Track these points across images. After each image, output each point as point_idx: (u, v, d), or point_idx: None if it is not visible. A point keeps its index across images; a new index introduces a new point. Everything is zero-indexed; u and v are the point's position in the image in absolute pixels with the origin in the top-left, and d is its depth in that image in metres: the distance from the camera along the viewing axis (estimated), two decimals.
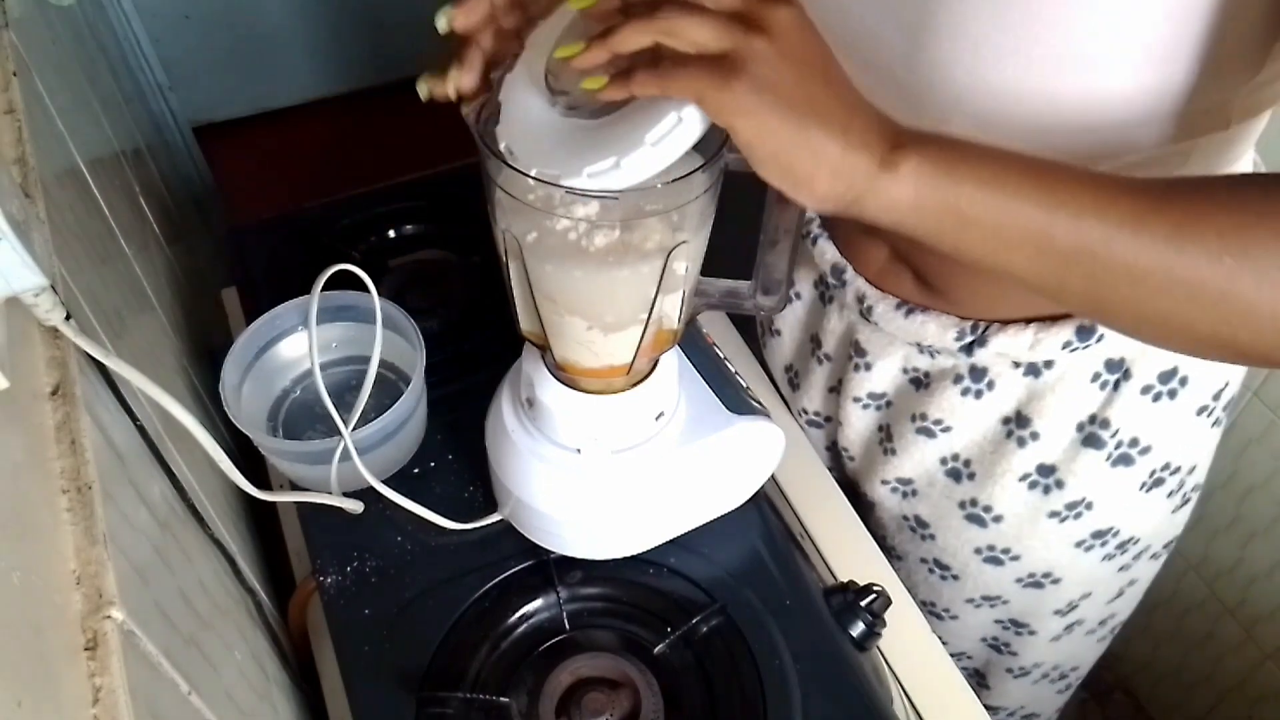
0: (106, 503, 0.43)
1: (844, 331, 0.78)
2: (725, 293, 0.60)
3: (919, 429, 0.74)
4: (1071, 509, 0.72)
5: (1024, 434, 0.69)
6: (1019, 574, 0.77)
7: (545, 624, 0.70)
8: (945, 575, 0.82)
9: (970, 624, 0.85)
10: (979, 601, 0.82)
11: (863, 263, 0.72)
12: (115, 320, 0.61)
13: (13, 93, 0.56)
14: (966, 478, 0.75)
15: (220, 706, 0.50)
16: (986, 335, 0.66)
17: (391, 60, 2.38)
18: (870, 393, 0.77)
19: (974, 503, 0.75)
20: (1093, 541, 0.74)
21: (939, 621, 0.87)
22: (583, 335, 0.57)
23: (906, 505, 0.81)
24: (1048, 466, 0.70)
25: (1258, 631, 1.21)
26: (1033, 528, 0.73)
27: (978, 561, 0.78)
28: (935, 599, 0.85)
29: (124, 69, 1.35)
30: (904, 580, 0.86)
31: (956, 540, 0.78)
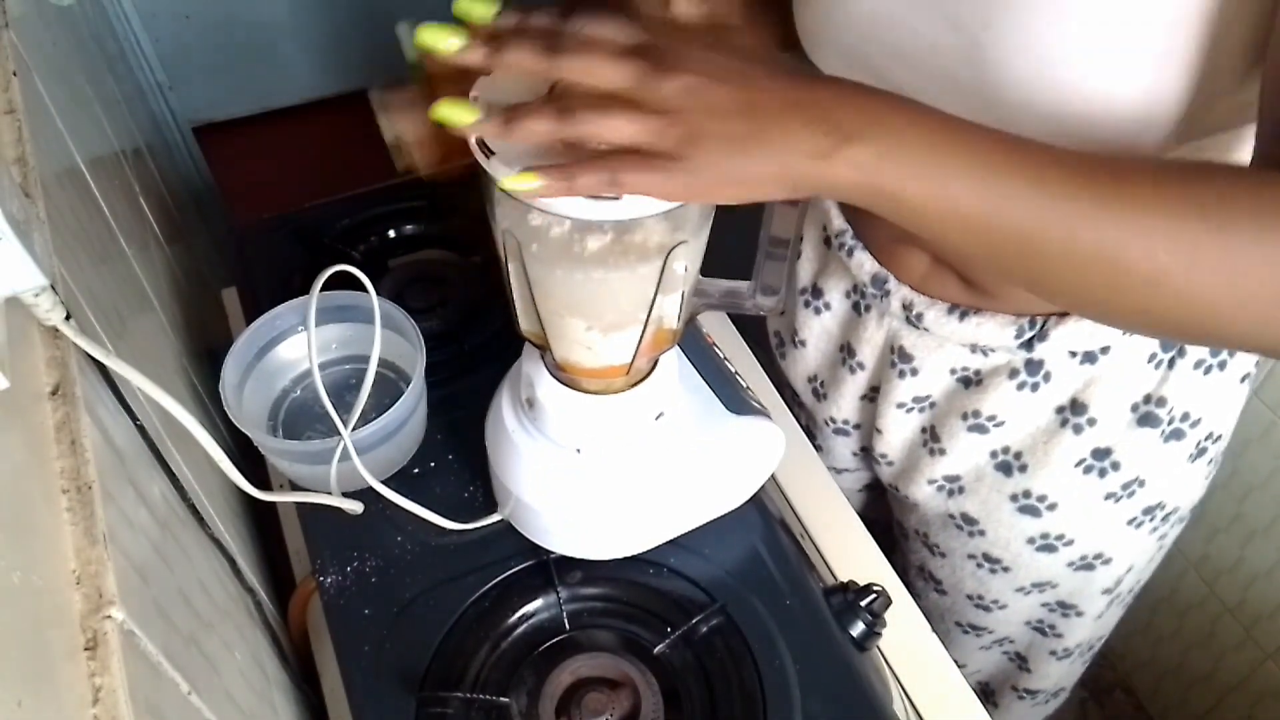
0: (106, 502, 0.43)
1: (884, 340, 0.77)
2: (725, 293, 0.60)
3: (971, 426, 0.74)
4: (1125, 488, 0.72)
5: (1080, 421, 0.69)
6: (1071, 558, 0.77)
7: (545, 624, 0.70)
8: (995, 568, 0.81)
9: (1017, 610, 0.85)
10: (1028, 589, 0.82)
11: (904, 270, 0.72)
12: (115, 320, 0.60)
13: (13, 93, 0.56)
14: (1018, 470, 0.74)
15: (220, 706, 0.50)
16: (1046, 329, 0.66)
17: (391, 60, 2.38)
18: (915, 396, 0.77)
19: (1026, 494, 0.74)
20: (1143, 518, 0.74)
21: (986, 613, 0.87)
22: (582, 335, 0.57)
23: (953, 503, 0.80)
24: (1103, 450, 0.70)
25: (1258, 630, 1.21)
26: (1087, 512, 0.74)
27: (1030, 551, 0.78)
28: (983, 592, 0.85)
29: (124, 69, 1.35)
30: (947, 577, 0.86)
31: (1008, 533, 0.78)
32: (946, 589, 0.88)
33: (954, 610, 0.90)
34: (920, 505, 0.83)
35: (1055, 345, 0.67)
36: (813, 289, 0.83)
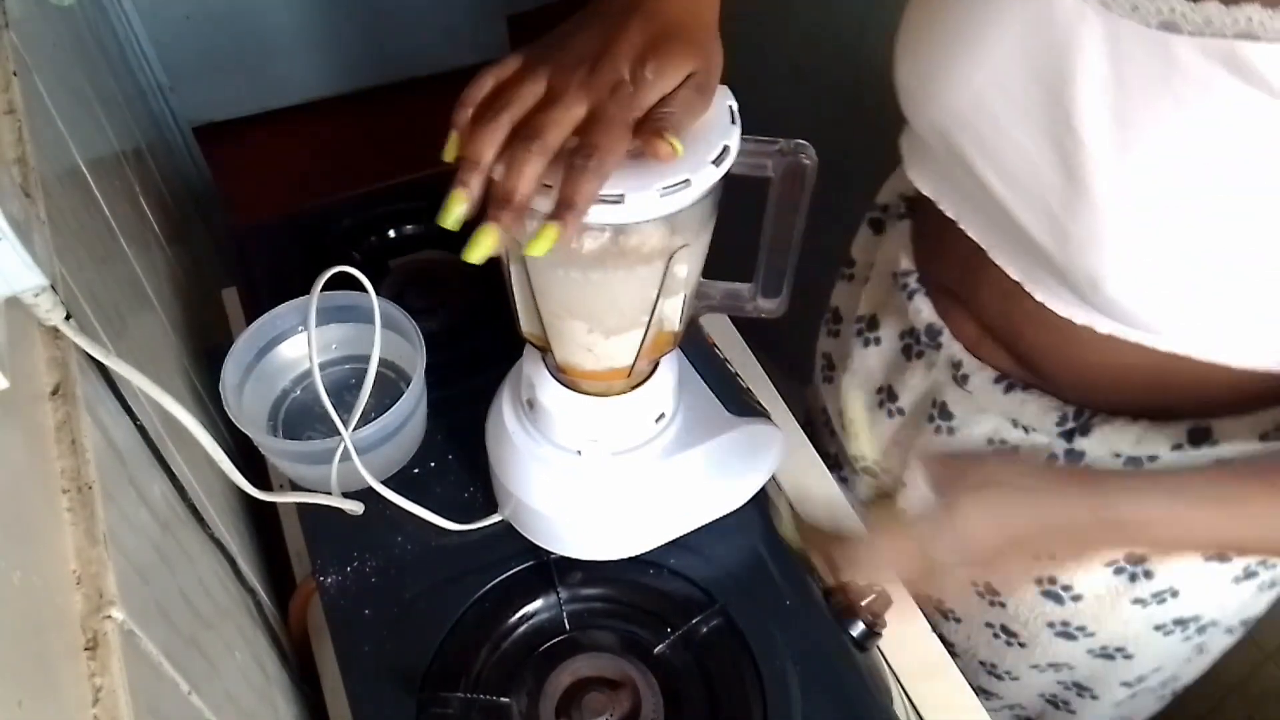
0: (107, 503, 0.43)
1: (927, 390, 0.75)
2: (726, 295, 0.59)
3: None
4: (1156, 596, 0.69)
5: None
6: (1091, 646, 0.75)
7: (545, 624, 0.70)
8: (1011, 641, 0.79)
9: (1030, 685, 0.83)
10: (1044, 668, 0.80)
11: (958, 327, 0.70)
12: (115, 320, 0.60)
13: (13, 93, 0.56)
14: (1046, 556, 0.71)
15: (220, 706, 0.50)
16: (1090, 424, 0.64)
17: (391, 60, 2.38)
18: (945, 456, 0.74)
19: (1053, 580, 0.72)
20: (1173, 627, 0.72)
21: (998, 681, 0.85)
22: (583, 338, 0.57)
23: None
24: (1138, 556, 0.68)
25: (1258, 631, 1.21)
26: (1113, 610, 0.71)
27: (1049, 634, 0.76)
28: (997, 661, 0.83)
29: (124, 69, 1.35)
30: (961, 641, 0.84)
31: (1029, 612, 0.75)
32: (960, 653, 0.86)
33: (966, 672, 0.88)
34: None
35: (1098, 442, 0.64)
36: (869, 321, 0.80)
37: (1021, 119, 0.53)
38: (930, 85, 0.58)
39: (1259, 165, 0.47)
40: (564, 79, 0.46)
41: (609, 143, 0.45)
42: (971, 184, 0.59)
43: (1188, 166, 0.48)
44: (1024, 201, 0.55)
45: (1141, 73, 0.47)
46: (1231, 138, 0.47)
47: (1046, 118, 0.51)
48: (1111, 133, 0.49)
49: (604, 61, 0.47)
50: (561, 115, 0.46)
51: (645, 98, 0.47)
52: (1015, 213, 0.56)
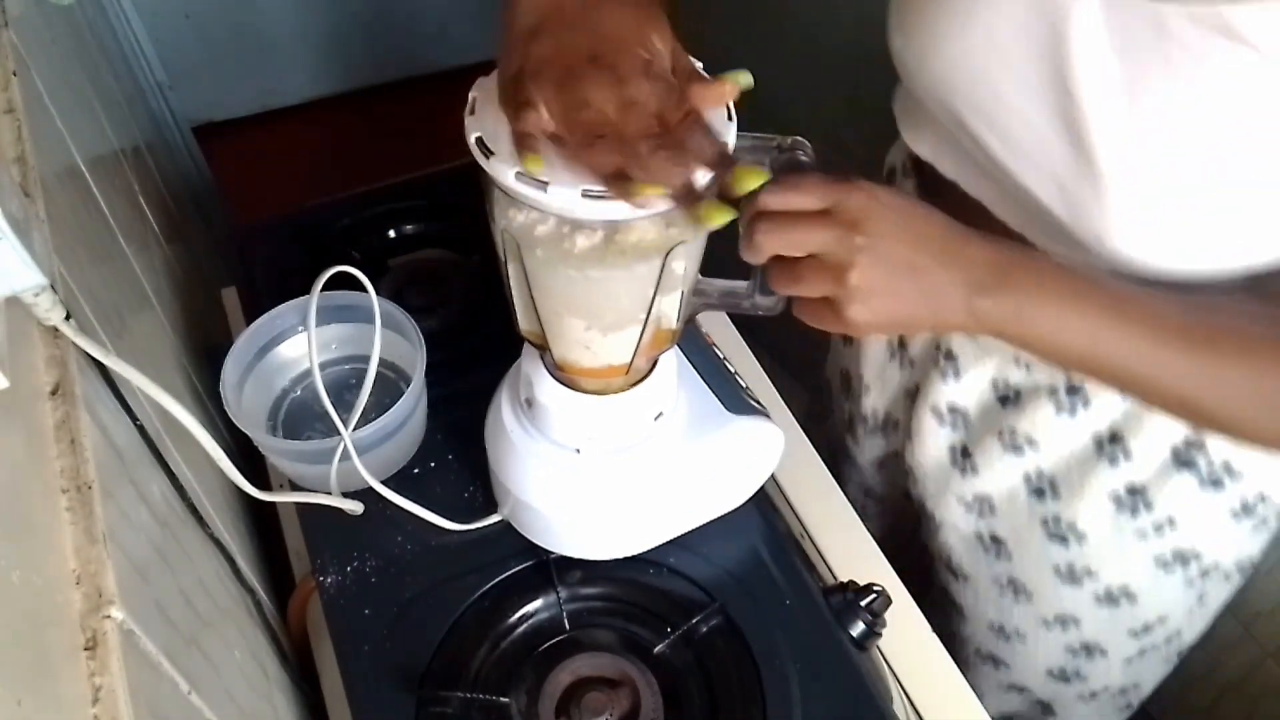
0: (106, 502, 0.43)
1: (933, 336, 0.77)
2: (724, 293, 0.59)
3: (1007, 446, 0.73)
4: (1156, 528, 0.70)
5: (1116, 452, 0.68)
6: (1096, 591, 0.76)
7: (545, 624, 0.70)
8: (1019, 595, 0.80)
9: (1039, 648, 0.84)
10: (1051, 622, 0.81)
11: None
12: (115, 320, 0.60)
13: (13, 92, 0.56)
14: (1051, 496, 0.73)
15: (220, 706, 0.50)
16: None
17: (391, 60, 2.38)
18: (951, 405, 0.76)
19: (1057, 520, 0.73)
20: (1174, 562, 0.73)
21: (1005, 643, 0.85)
22: (581, 335, 0.57)
23: (982, 523, 0.79)
24: (1138, 486, 0.69)
25: (1257, 629, 1.21)
26: (1116, 546, 0.72)
27: (1055, 581, 0.77)
28: (1004, 620, 0.83)
29: (124, 68, 1.35)
30: (970, 603, 0.85)
31: (1035, 559, 0.77)
32: (968, 615, 0.87)
33: (974, 638, 0.89)
34: (947, 526, 0.82)
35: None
36: None
37: (1022, 88, 0.55)
38: (927, 56, 0.60)
39: (1254, 119, 0.50)
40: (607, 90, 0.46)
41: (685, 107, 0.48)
42: (972, 147, 0.61)
43: (1187, 126, 0.50)
44: (1027, 165, 0.57)
45: (1136, 41, 0.50)
46: (1227, 96, 0.49)
47: (1047, 86, 0.54)
48: (1112, 100, 0.51)
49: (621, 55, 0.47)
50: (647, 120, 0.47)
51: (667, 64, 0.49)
52: (1018, 176, 0.58)
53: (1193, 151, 0.51)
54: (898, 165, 0.80)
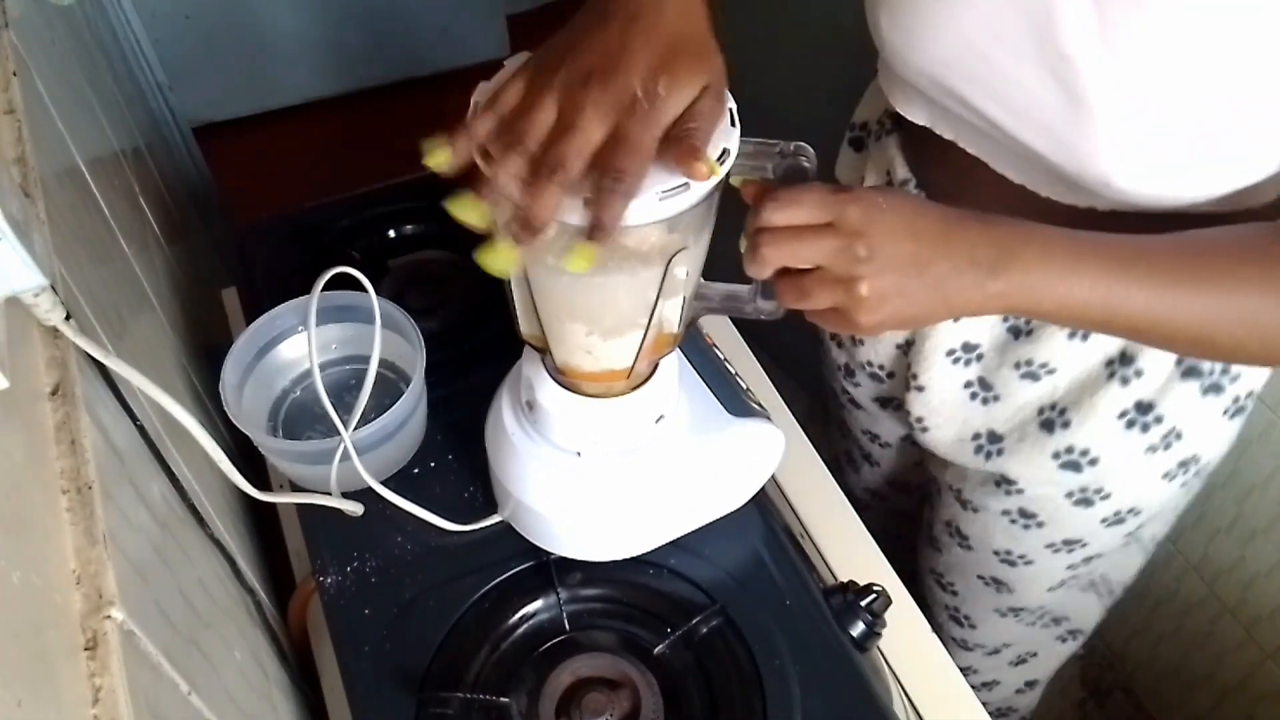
0: (106, 502, 0.43)
1: None
2: (726, 297, 0.59)
3: (1024, 374, 0.74)
4: (1164, 440, 0.72)
5: (1127, 372, 0.70)
6: (1105, 514, 0.78)
7: (545, 625, 0.70)
8: (1029, 524, 0.82)
9: (1045, 568, 0.86)
10: (1059, 546, 0.83)
11: None
12: (115, 320, 0.60)
13: (13, 93, 0.56)
14: (1061, 426, 0.74)
15: (220, 706, 0.50)
16: None
17: (391, 60, 2.38)
18: (965, 343, 0.76)
19: (1069, 450, 0.75)
20: (1177, 471, 0.75)
21: (1010, 568, 0.87)
22: (582, 340, 0.57)
23: (991, 465, 0.80)
24: (1146, 403, 0.71)
25: (1258, 631, 1.21)
26: (1128, 465, 0.74)
27: (1068, 505, 0.79)
28: (1012, 547, 0.85)
29: (124, 69, 1.35)
30: (976, 533, 0.87)
31: (1047, 489, 0.78)
32: (973, 545, 0.89)
33: (978, 564, 0.90)
34: (955, 466, 0.84)
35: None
36: None
37: (1013, 54, 0.57)
38: (916, 37, 0.61)
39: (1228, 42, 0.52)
40: (576, 99, 0.46)
41: (635, 165, 0.46)
42: (969, 114, 0.62)
43: (1174, 62, 0.53)
44: (1026, 124, 0.59)
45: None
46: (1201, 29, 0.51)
47: (1036, 48, 0.55)
48: (1099, 49, 0.53)
49: (614, 78, 0.47)
50: (583, 144, 0.46)
51: (663, 114, 0.48)
52: (1017, 134, 0.60)
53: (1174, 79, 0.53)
54: (872, 123, 0.81)
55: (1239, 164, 0.57)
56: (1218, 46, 0.52)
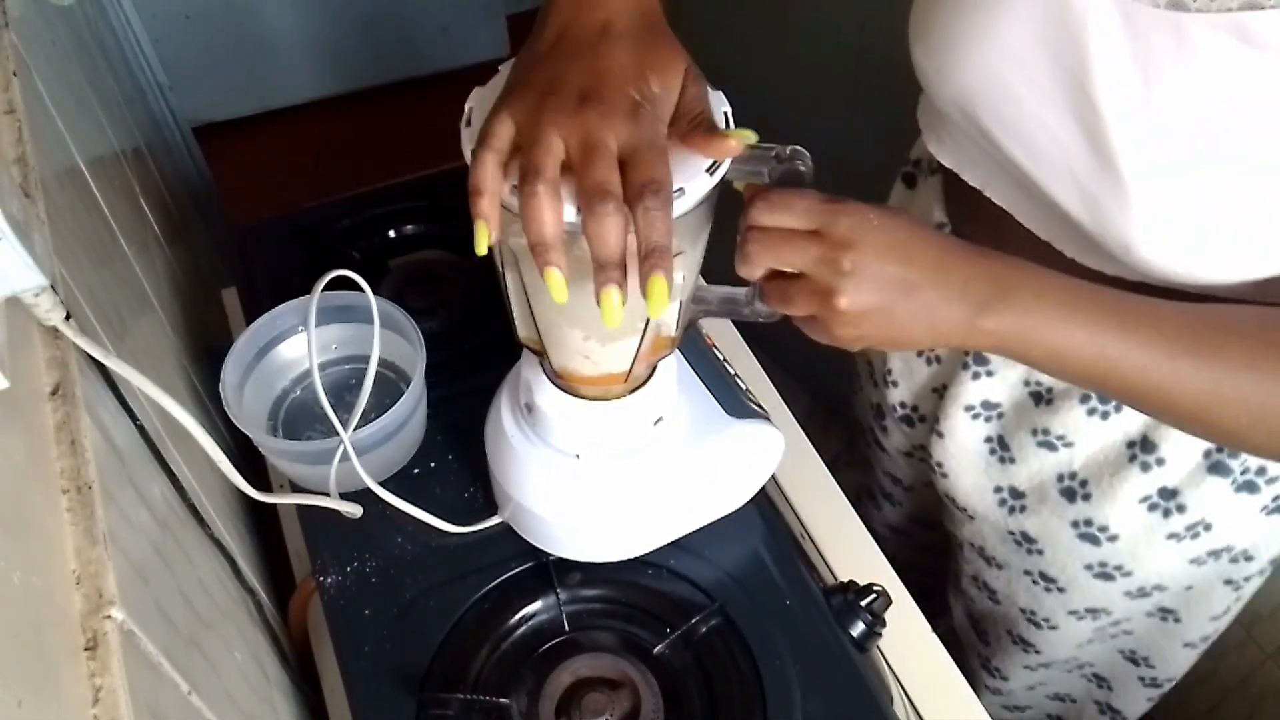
0: (106, 503, 0.43)
1: None
2: (723, 300, 0.59)
3: (1040, 442, 0.73)
4: (1190, 529, 0.70)
5: (1149, 459, 0.68)
6: (1128, 588, 0.77)
7: (545, 625, 0.70)
8: (1050, 587, 0.81)
9: (1069, 634, 0.84)
10: (1082, 614, 0.81)
11: None
12: (115, 320, 0.60)
13: (13, 93, 0.56)
14: (1082, 498, 0.73)
15: (220, 706, 0.50)
16: None
17: (391, 60, 2.38)
18: (985, 401, 0.75)
19: (1089, 522, 0.73)
20: (1208, 559, 0.73)
21: (1036, 630, 0.86)
22: (580, 345, 0.57)
23: (1013, 520, 0.79)
24: (1170, 490, 0.69)
25: (1258, 631, 1.21)
26: (1149, 547, 0.72)
27: (1087, 576, 0.77)
28: (1035, 608, 0.84)
29: (124, 69, 1.35)
30: (1002, 588, 0.86)
31: (1066, 556, 0.77)
32: (1000, 600, 0.88)
33: (1007, 620, 0.89)
34: (978, 519, 0.82)
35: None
36: None
37: (1042, 97, 0.55)
38: (947, 67, 0.60)
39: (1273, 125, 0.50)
40: (583, 123, 0.46)
41: (662, 169, 0.46)
42: (996, 154, 0.61)
43: (1207, 131, 0.51)
44: (1050, 174, 0.57)
45: (1155, 49, 0.50)
46: (1246, 100, 0.49)
47: (1067, 96, 0.54)
48: (1132, 107, 0.51)
49: (610, 91, 0.46)
50: (608, 164, 0.45)
51: (664, 109, 0.48)
52: (1042, 184, 0.58)
53: (1213, 157, 0.51)
54: (925, 160, 0.80)
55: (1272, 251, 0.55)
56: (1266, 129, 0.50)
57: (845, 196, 0.51)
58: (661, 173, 0.45)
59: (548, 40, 0.49)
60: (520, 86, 0.48)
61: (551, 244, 0.46)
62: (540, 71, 0.48)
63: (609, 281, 0.46)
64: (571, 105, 0.46)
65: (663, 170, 0.46)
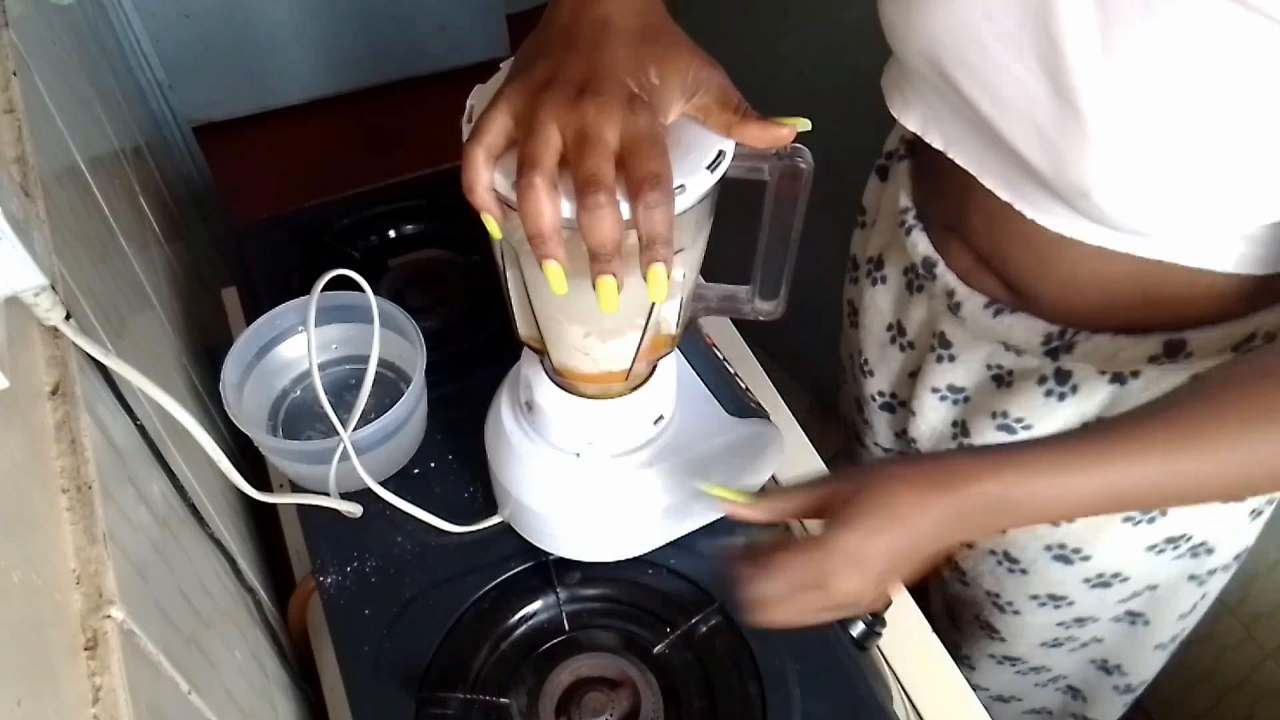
0: (106, 502, 0.43)
1: (928, 320, 0.78)
2: (724, 298, 0.59)
3: (999, 425, 0.74)
4: (1145, 513, 0.71)
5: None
6: (1087, 574, 0.77)
7: (545, 625, 0.70)
8: (1013, 569, 0.82)
9: (1032, 622, 0.85)
10: (1044, 599, 0.82)
11: (953, 257, 0.72)
12: (115, 319, 0.60)
13: (13, 92, 0.56)
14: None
15: (220, 706, 0.50)
16: (1074, 341, 0.66)
17: (391, 60, 2.38)
18: (950, 385, 0.77)
19: None
20: (1165, 545, 0.74)
21: (1001, 614, 0.87)
22: (580, 342, 0.57)
23: None
24: None
25: (1258, 630, 1.21)
26: (1105, 530, 0.73)
27: (1046, 558, 0.78)
28: (1000, 591, 0.85)
29: (124, 68, 1.35)
30: (970, 568, 0.87)
31: (1027, 536, 0.78)
32: (968, 581, 0.89)
33: (975, 603, 0.90)
34: None
35: (1081, 360, 0.66)
36: (877, 261, 0.84)
37: (1009, 44, 0.55)
38: (915, 18, 0.60)
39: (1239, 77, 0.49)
40: (580, 115, 0.46)
41: (661, 162, 0.46)
42: (961, 107, 0.61)
43: (1171, 80, 0.51)
44: (1014, 120, 0.57)
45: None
46: (1211, 52, 0.49)
47: (1033, 41, 0.54)
48: (1097, 53, 0.51)
49: (606, 83, 0.46)
50: (603, 155, 0.45)
51: (664, 100, 0.48)
52: (1005, 132, 0.58)
53: (1173, 101, 0.51)
54: (894, 150, 0.82)
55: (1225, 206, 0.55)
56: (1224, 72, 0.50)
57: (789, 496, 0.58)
58: (661, 165, 0.45)
59: (548, 36, 0.49)
60: (518, 80, 0.48)
61: (549, 236, 0.46)
62: (539, 65, 0.48)
63: (603, 272, 0.47)
64: (569, 97, 0.46)
65: (662, 163, 0.46)
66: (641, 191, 0.45)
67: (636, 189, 0.45)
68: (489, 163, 0.47)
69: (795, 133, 0.48)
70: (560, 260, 0.47)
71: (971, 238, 0.69)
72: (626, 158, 0.46)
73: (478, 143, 0.47)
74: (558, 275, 0.47)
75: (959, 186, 0.66)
